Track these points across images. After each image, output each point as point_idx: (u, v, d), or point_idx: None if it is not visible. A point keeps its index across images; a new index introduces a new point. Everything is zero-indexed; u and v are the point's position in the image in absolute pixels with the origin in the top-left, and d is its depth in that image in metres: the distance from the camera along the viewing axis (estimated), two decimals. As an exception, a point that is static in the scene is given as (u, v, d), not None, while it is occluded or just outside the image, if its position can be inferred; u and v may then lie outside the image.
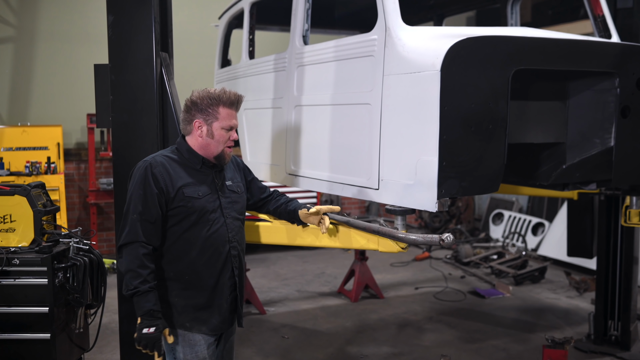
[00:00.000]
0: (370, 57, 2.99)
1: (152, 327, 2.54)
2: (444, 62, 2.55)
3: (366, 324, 5.60)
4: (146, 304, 2.54)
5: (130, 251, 2.58)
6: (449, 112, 2.57)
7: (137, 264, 2.55)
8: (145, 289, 2.54)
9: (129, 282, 2.56)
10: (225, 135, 2.71)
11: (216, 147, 2.72)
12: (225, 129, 2.71)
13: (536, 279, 7.05)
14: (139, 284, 2.54)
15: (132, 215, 2.61)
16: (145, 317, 2.54)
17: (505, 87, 2.70)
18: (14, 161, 7.22)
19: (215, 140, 2.72)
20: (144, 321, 2.54)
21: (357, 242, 2.96)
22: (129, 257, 2.58)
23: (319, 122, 3.44)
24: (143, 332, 2.53)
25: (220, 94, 2.68)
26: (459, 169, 2.65)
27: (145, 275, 2.55)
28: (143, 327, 2.54)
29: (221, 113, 2.69)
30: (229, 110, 2.71)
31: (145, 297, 2.54)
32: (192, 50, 8.15)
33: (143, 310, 2.54)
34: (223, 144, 2.72)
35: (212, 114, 2.69)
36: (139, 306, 2.56)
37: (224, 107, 2.69)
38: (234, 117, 2.72)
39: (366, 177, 3.04)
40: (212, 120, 2.70)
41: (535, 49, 2.80)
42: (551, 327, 5.51)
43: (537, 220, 8.74)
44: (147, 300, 2.54)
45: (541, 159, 3.37)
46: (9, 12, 7.74)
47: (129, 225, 2.60)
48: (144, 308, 2.54)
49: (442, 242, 2.42)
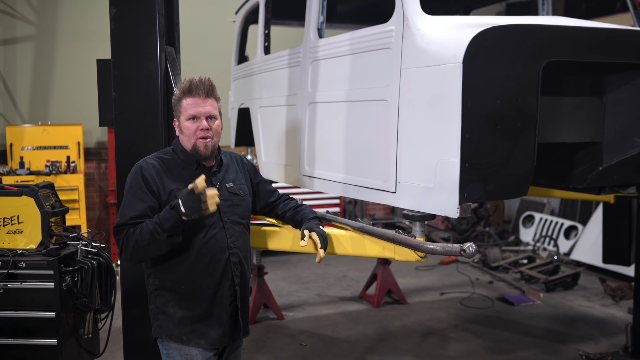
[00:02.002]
0: (387, 49, 2.78)
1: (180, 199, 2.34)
2: (467, 53, 2.33)
3: (388, 331, 5.37)
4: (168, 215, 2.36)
5: (125, 246, 2.44)
6: (472, 109, 2.35)
7: (132, 238, 2.41)
8: (155, 219, 2.38)
9: (151, 243, 2.37)
10: (191, 126, 2.54)
11: (188, 142, 2.57)
12: (189, 120, 2.54)
13: (569, 286, 6.72)
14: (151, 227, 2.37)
15: (119, 219, 2.48)
16: (174, 209, 2.35)
17: (534, 82, 2.46)
18: (34, 160, 7.21)
19: (185, 135, 2.57)
20: (184, 206, 2.33)
21: (371, 250, 2.74)
22: (128, 249, 2.42)
23: (333, 120, 3.24)
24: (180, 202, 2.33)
25: (180, 85, 2.56)
26: (483, 171, 2.42)
27: (143, 224, 2.41)
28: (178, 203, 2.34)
29: (183, 104, 2.55)
30: (190, 99, 2.54)
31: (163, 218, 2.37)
32: (213, 49, 8.06)
33: (174, 215, 2.35)
34: (193, 136, 2.54)
35: (177, 109, 2.58)
36: (172, 221, 2.36)
37: (185, 97, 2.55)
38: (196, 105, 2.53)
39: (382, 180, 2.83)
40: (179, 114, 2.58)
41: (569, 39, 2.55)
42: (585, 338, 5.20)
43: (570, 223, 8.38)
44: (165, 214, 2.37)
45: (575, 160, 3.10)
46: (30, 11, 7.74)
47: (117, 229, 2.47)
48: (172, 215, 2.35)
49: (463, 253, 2.19)
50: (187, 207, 2.32)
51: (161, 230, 2.35)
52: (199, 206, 2.32)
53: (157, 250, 2.42)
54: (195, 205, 2.32)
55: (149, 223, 2.39)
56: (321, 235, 2.68)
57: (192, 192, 2.32)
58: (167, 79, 3.13)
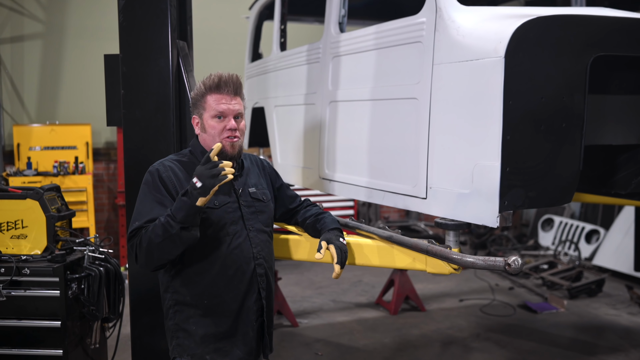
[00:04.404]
0: (418, 43, 2.57)
1: (196, 184, 2.10)
2: (509, 47, 2.12)
3: (407, 340, 5.16)
4: (181, 204, 2.12)
5: (139, 252, 2.21)
6: (514, 108, 2.15)
7: (145, 239, 2.17)
8: (168, 212, 2.15)
9: (164, 240, 2.13)
10: (217, 125, 2.33)
11: (212, 142, 2.33)
12: (214, 118, 2.33)
13: (593, 293, 6.47)
14: (160, 220, 2.14)
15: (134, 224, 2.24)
16: (186, 195, 2.12)
17: (582, 78, 2.25)
18: (42, 161, 7.08)
19: (209, 134, 2.35)
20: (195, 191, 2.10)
21: (401, 262, 2.53)
22: (142, 255, 2.19)
23: (357, 120, 3.04)
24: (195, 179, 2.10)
25: (205, 79, 2.35)
26: (525, 176, 2.22)
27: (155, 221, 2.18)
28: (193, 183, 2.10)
29: (207, 101, 2.34)
30: (216, 96, 2.33)
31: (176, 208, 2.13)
32: (225, 46, 7.89)
33: (187, 204, 2.11)
34: (218, 136, 2.32)
35: (201, 105, 2.36)
36: (186, 210, 2.12)
37: (210, 94, 2.34)
38: (223, 102, 2.32)
39: (411, 184, 2.62)
40: (202, 111, 2.36)
41: (620, 31, 2.33)
42: (614, 349, 4.96)
43: (592, 227, 8.12)
44: (178, 204, 2.13)
45: (618, 164, 2.89)
46: (38, 8, 7.61)
47: (131, 235, 2.24)
48: (185, 204, 2.11)
49: (508, 268, 1.97)
50: (203, 178, 2.08)
51: (174, 221, 2.11)
52: (218, 173, 2.08)
53: (172, 247, 2.16)
54: (214, 172, 2.07)
55: (161, 217, 2.16)
56: (340, 249, 2.43)
57: (207, 159, 2.10)
58: (179, 76, 2.95)
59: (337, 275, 2.38)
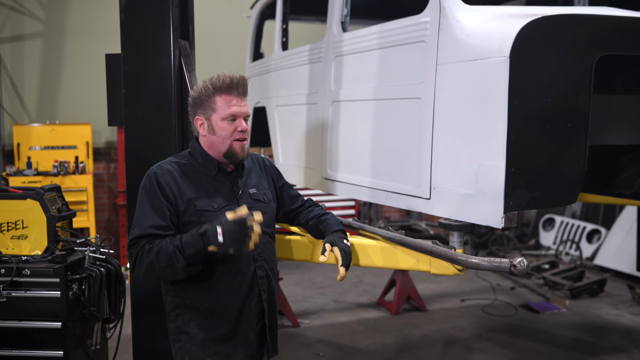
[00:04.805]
0: (421, 42, 2.55)
1: (216, 229, 2.08)
2: (514, 46, 2.10)
3: (409, 340, 5.14)
4: (193, 240, 2.12)
5: (139, 262, 2.20)
6: (519, 108, 2.13)
7: (150, 255, 2.16)
8: (177, 242, 2.14)
9: (167, 266, 2.14)
10: (228, 127, 2.31)
11: (221, 144, 2.32)
12: (226, 120, 2.30)
13: (594, 293, 6.45)
14: (171, 249, 2.13)
15: (134, 231, 2.25)
16: (206, 240, 2.10)
17: (587, 78, 2.23)
18: (42, 160, 7.05)
19: (218, 136, 2.32)
20: (210, 239, 2.09)
21: (404, 263, 2.51)
22: (143, 265, 2.18)
23: (359, 120, 3.02)
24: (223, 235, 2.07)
25: (214, 80, 2.31)
26: (530, 177, 2.20)
27: (162, 241, 2.17)
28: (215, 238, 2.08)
29: (217, 102, 2.31)
30: (226, 97, 2.31)
31: (185, 242, 2.13)
32: (226, 45, 7.86)
33: (199, 243, 2.11)
34: (228, 138, 2.31)
35: (209, 106, 2.32)
36: (196, 249, 2.12)
37: (219, 95, 2.31)
38: (234, 104, 2.30)
39: (415, 185, 2.60)
40: (210, 113, 2.32)
41: (626, 31, 2.31)
42: (616, 349, 4.94)
43: (593, 227, 8.10)
44: (190, 238, 2.13)
45: (622, 164, 2.86)
46: (38, 7, 7.58)
47: (131, 243, 2.24)
48: (197, 242, 2.11)
49: (514, 269, 1.95)
50: (229, 239, 2.07)
51: (182, 256, 2.12)
52: (245, 240, 2.08)
53: (172, 275, 2.20)
54: (241, 239, 2.08)
55: (169, 244, 2.15)
56: (344, 251, 2.41)
57: (243, 223, 2.07)
58: (181, 75, 2.93)
59: (342, 277, 2.36)
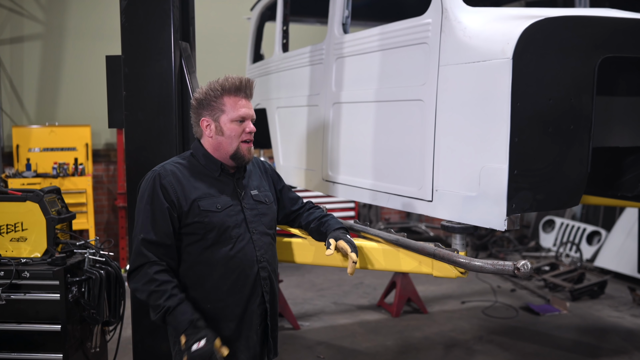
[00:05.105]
0: (423, 44, 2.54)
1: (201, 339, 2.14)
2: (517, 48, 2.10)
3: (409, 343, 5.13)
4: (184, 317, 2.16)
5: (141, 276, 2.22)
6: (522, 109, 2.13)
7: (155, 284, 2.18)
8: (175, 303, 2.16)
9: (154, 306, 2.19)
10: (236, 128, 2.31)
11: (229, 145, 2.32)
12: (235, 121, 2.31)
13: (595, 294, 6.44)
14: (166, 301, 2.16)
15: (139, 236, 2.24)
16: (189, 331, 2.15)
17: (590, 79, 2.23)
18: (41, 162, 7.03)
19: (226, 137, 2.32)
20: (189, 337, 2.14)
21: (407, 265, 2.50)
22: (142, 282, 2.22)
23: (361, 122, 3.00)
24: (194, 350, 2.12)
25: (223, 81, 2.32)
26: (533, 179, 2.19)
27: (170, 290, 2.18)
28: (191, 344, 2.13)
29: (226, 103, 2.31)
30: (235, 99, 2.31)
31: (180, 310, 2.16)
32: (226, 47, 7.85)
33: (183, 324, 2.15)
34: (236, 139, 2.32)
35: (217, 107, 2.32)
36: (177, 323, 2.17)
37: (228, 96, 2.31)
38: (243, 106, 2.32)
39: (417, 187, 2.59)
40: (218, 114, 2.32)
41: (629, 32, 2.30)
42: (617, 351, 4.93)
43: (593, 229, 8.08)
44: (183, 313, 2.16)
45: (624, 166, 2.85)
46: (38, 8, 7.56)
47: (137, 248, 2.24)
48: (184, 322, 2.15)
49: (518, 272, 1.94)
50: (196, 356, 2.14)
51: (161, 317, 2.19)
52: None
53: (150, 313, 2.27)
54: None
55: (162, 294, 2.18)
56: (350, 242, 2.44)
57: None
58: (181, 77, 2.91)
59: (353, 267, 2.36)
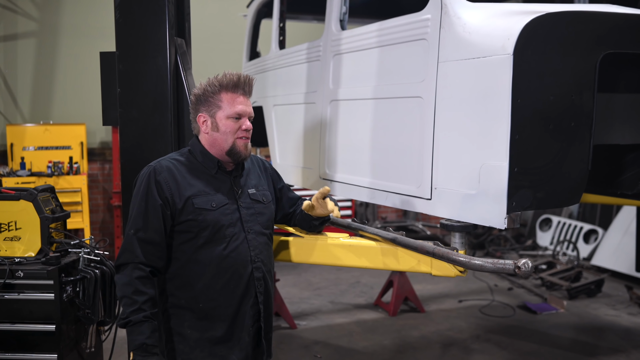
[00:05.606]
0: (422, 40, 2.51)
1: None
2: (518, 44, 2.07)
3: (407, 342, 5.10)
4: (138, 337, 2.15)
5: (124, 274, 2.21)
6: (522, 106, 2.10)
7: (131, 289, 2.17)
8: (139, 319, 2.15)
9: (122, 309, 2.19)
10: (232, 125, 2.29)
11: (224, 141, 2.30)
12: (231, 118, 2.28)
13: (592, 293, 6.43)
14: (131, 313, 2.15)
15: (130, 230, 2.22)
16: (138, 352, 2.15)
17: (591, 76, 2.20)
18: (35, 161, 6.98)
19: (221, 133, 2.29)
20: (136, 357, 2.15)
21: (405, 264, 2.48)
22: (123, 282, 2.21)
23: (359, 119, 2.97)
24: None
25: (220, 77, 2.30)
26: (534, 177, 2.17)
27: (140, 303, 2.16)
28: None
29: (223, 99, 2.28)
30: (232, 95, 2.29)
31: (138, 328, 2.15)
32: (222, 45, 7.81)
33: (135, 344, 2.15)
34: (232, 135, 2.29)
35: (214, 103, 2.29)
36: (131, 339, 2.17)
37: (225, 92, 2.29)
38: (240, 102, 2.30)
39: (416, 185, 2.56)
40: (215, 110, 2.29)
41: (630, 28, 2.28)
42: (615, 349, 4.92)
43: (590, 227, 8.08)
44: (140, 333, 2.15)
45: (624, 164, 2.83)
46: (32, 6, 7.50)
47: (126, 243, 2.22)
48: (136, 342, 2.15)
49: (518, 271, 1.91)
50: None
51: (123, 324, 2.19)
52: None
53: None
54: None
55: (132, 304, 2.16)
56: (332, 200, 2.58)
57: None
58: (177, 74, 2.87)
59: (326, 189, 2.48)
